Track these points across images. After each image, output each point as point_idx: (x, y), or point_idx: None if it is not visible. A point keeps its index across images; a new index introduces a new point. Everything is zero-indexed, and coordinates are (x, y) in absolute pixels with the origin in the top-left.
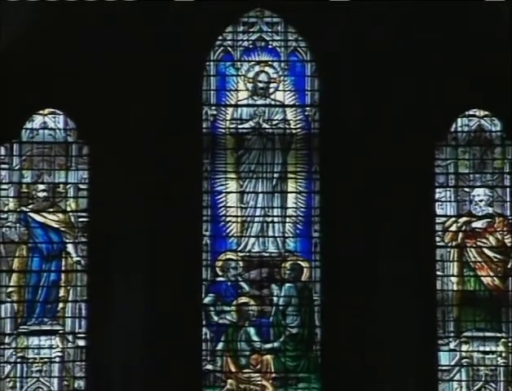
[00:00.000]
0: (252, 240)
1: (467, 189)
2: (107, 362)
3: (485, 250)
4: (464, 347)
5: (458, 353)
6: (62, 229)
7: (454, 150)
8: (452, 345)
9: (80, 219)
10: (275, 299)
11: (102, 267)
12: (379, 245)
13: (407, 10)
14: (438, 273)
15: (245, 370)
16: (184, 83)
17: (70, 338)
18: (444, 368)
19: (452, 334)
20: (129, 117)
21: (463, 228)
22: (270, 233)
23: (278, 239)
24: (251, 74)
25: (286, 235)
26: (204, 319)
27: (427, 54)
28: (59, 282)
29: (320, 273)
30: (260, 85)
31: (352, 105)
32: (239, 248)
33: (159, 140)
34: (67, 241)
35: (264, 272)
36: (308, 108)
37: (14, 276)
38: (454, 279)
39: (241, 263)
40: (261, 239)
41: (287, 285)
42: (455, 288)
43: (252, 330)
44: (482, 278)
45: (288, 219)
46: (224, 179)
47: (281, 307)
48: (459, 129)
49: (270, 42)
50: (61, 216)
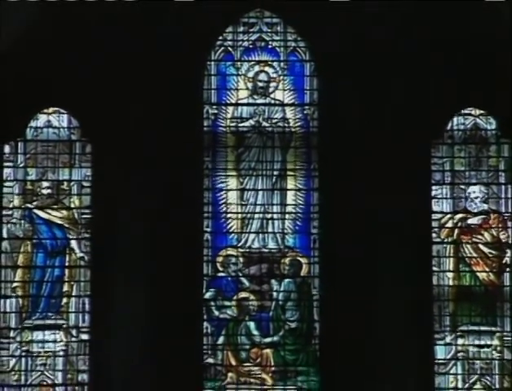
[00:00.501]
0: (252, 236)
1: (463, 186)
2: (110, 356)
3: (480, 246)
4: (460, 341)
5: (454, 346)
6: (66, 225)
7: (450, 148)
8: (448, 339)
9: (83, 216)
10: (274, 294)
11: (105, 263)
12: (377, 241)
13: (407, 10)
14: (434, 268)
15: (245, 363)
16: (185, 82)
17: (74, 332)
18: (440, 362)
19: (448, 328)
20: (130, 116)
21: (459, 224)
22: (269, 229)
23: (277, 236)
24: (251, 74)
25: (285, 232)
26: (205, 314)
27: (426, 54)
28: (62, 277)
29: (319, 268)
30: (260, 84)
31: (350, 104)
32: (239, 244)
33: (160, 138)
34: (70, 237)
35: (264, 268)
36: (307, 107)
37: (19, 271)
38: (450, 275)
39: (241, 259)
40: (261, 236)
41: (286, 280)
42: (451, 284)
43: (252, 324)
44: (477, 273)
45: (287, 216)
46: (225, 177)
47: (281, 302)
48: (455, 127)
49: (269, 42)
50: (65, 212)
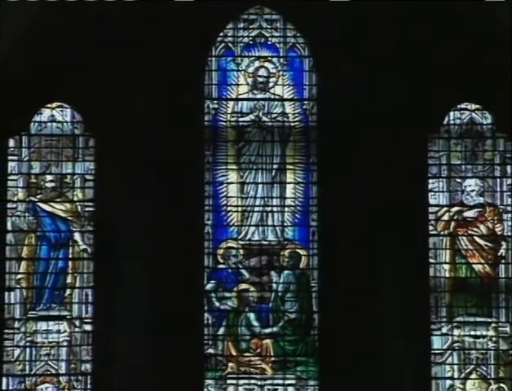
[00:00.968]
0: (252, 229)
1: (459, 180)
2: (112, 346)
3: (476, 238)
4: (456, 331)
5: (450, 337)
6: (69, 218)
7: (447, 142)
8: (445, 330)
9: (86, 209)
10: (274, 285)
11: (107, 255)
12: (374, 234)
13: (407, 10)
14: (431, 260)
15: (246, 353)
16: (187, 78)
17: (77, 323)
18: (437, 352)
19: (445, 319)
20: (133, 112)
21: (455, 217)
22: (269, 222)
23: (277, 228)
24: (251, 69)
25: (285, 224)
26: (206, 305)
27: (424, 52)
28: (66, 269)
29: (318, 260)
30: (260, 79)
31: (349, 99)
32: (239, 237)
33: (162, 133)
34: (74, 230)
35: (264, 260)
36: (306, 102)
37: (23, 263)
38: (446, 267)
39: (242, 251)
40: (260, 228)
41: (286, 272)
42: (447, 275)
43: (252, 315)
44: (473, 265)
45: (286, 209)
46: (225, 170)
47: (280, 293)
48: (451, 122)
49: (269, 38)
50: (68, 205)
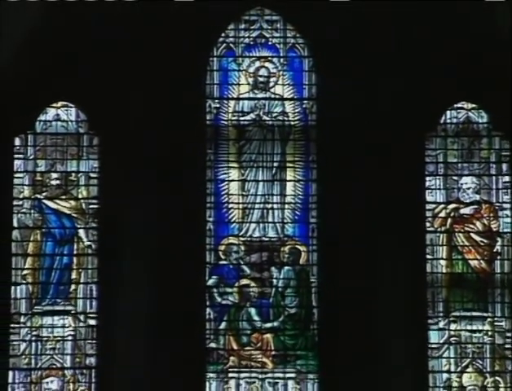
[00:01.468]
0: (253, 226)
1: (455, 177)
2: (116, 340)
3: (472, 235)
4: (452, 326)
5: (447, 331)
6: (74, 215)
7: (443, 140)
8: (442, 324)
9: (91, 206)
10: (274, 281)
11: (111, 251)
12: (372, 231)
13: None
14: (428, 256)
15: (247, 348)
16: (189, 78)
17: (82, 318)
18: (434, 346)
19: (442, 314)
20: (136, 111)
21: (452, 214)
22: (270, 219)
23: (277, 225)
24: (252, 69)
25: (285, 221)
26: (207, 300)
27: (423, 52)
28: (71, 265)
29: (317, 256)
30: (260, 79)
31: (347, 98)
32: (240, 233)
33: (165, 132)
34: (78, 226)
35: (264, 256)
36: (306, 101)
37: (29, 259)
38: (443, 262)
39: (243, 247)
40: (261, 225)
41: (286, 268)
42: (444, 271)
43: (253, 310)
44: (469, 261)
45: (287, 206)
46: (227, 168)
47: (280, 289)
48: (448, 120)
49: (270, 39)
50: (73, 203)
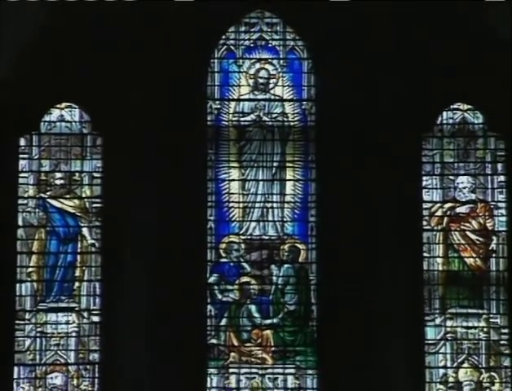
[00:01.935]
0: (253, 224)
1: (452, 177)
2: (119, 337)
3: (468, 233)
4: (448, 323)
5: (443, 328)
6: (78, 214)
7: (440, 141)
8: (438, 321)
9: (94, 205)
10: (274, 278)
11: (114, 249)
12: (370, 229)
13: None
14: (424, 254)
15: (247, 344)
16: (189, 78)
17: (85, 314)
18: (431, 342)
19: (438, 311)
20: (138, 112)
21: (448, 213)
22: (269, 218)
23: (277, 224)
24: (252, 71)
25: (285, 220)
26: (208, 297)
27: (422, 54)
28: (75, 263)
29: (316, 254)
30: (260, 80)
31: (346, 100)
32: (241, 232)
33: (167, 132)
34: (82, 225)
35: (264, 254)
36: (305, 102)
37: (33, 257)
38: (440, 260)
39: (243, 245)
40: (261, 224)
41: (285, 266)
42: (440, 269)
43: (253, 307)
44: (465, 259)
45: (286, 205)
46: (227, 168)
47: (280, 286)
48: (444, 121)
49: (269, 41)
50: (77, 202)
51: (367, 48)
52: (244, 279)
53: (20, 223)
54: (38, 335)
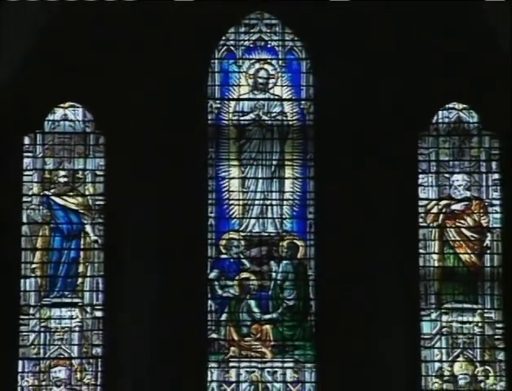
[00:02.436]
0: (252, 221)
1: (447, 175)
2: (121, 331)
3: (463, 230)
4: (444, 317)
5: (439, 322)
6: (81, 211)
7: (435, 139)
8: (434, 316)
9: (97, 202)
10: (273, 274)
11: (117, 245)
12: (367, 225)
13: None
14: (420, 251)
15: (247, 338)
16: (191, 79)
17: (88, 309)
18: (426, 336)
19: (434, 306)
20: (140, 111)
21: (443, 210)
22: (269, 215)
23: (276, 221)
24: (252, 71)
25: (284, 217)
26: (209, 293)
27: (421, 54)
28: (78, 259)
29: (314, 251)
30: (260, 80)
31: (343, 99)
32: (241, 229)
33: (169, 131)
34: (85, 222)
35: (264, 250)
36: (303, 102)
37: (37, 254)
38: (435, 256)
39: (243, 242)
40: (261, 221)
41: (284, 262)
42: (436, 265)
43: (252, 302)
44: (460, 255)
45: (285, 202)
46: (227, 166)
47: (279, 282)
48: (440, 120)
49: (269, 42)
50: (80, 199)
51: (366, 48)
52: (243, 275)
53: (25, 220)
54: (42, 329)
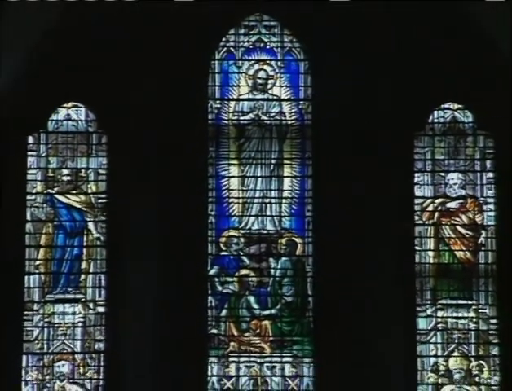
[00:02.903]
0: (252, 219)
1: (442, 173)
2: (123, 327)
3: (458, 227)
4: (439, 313)
5: (434, 318)
6: (84, 209)
7: (431, 139)
8: (429, 312)
9: (99, 200)
10: (272, 271)
11: (119, 242)
12: (364, 223)
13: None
14: (416, 248)
15: (246, 334)
16: (192, 80)
17: (91, 305)
18: (422, 332)
19: (429, 302)
20: (142, 111)
21: (439, 208)
22: (268, 213)
23: (275, 218)
24: (251, 71)
25: (282, 215)
26: (209, 289)
27: (421, 54)
28: (81, 256)
29: (312, 248)
30: (259, 81)
31: (341, 99)
32: (240, 226)
33: (170, 131)
34: (88, 220)
35: (263, 247)
36: (302, 102)
37: (41, 251)
38: (431, 253)
39: (242, 239)
40: (260, 218)
41: (283, 259)
42: (431, 261)
43: (252, 298)
44: (455, 252)
45: (284, 200)
46: (227, 165)
47: (278, 278)
48: (435, 120)
49: (268, 43)
50: (83, 197)
51: (366, 48)
52: (243, 272)
53: (29, 218)
54: (46, 325)
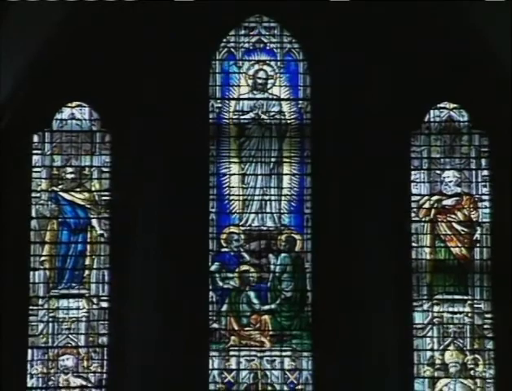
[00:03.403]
0: (252, 216)
1: (439, 171)
2: (126, 321)
3: (454, 224)
4: (435, 308)
5: (430, 313)
6: (87, 206)
7: (427, 137)
8: (426, 307)
9: (103, 197)
10: (272, 267)
11: (122, 239)
12: (363, 220)
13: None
14: (413, 244)
15: (246, 328)
16: (193, 80)
17: (95, 300)
18: (419, 326)
19: (426, 297)
20: (144, 110)
21: (435, 205)
22: (267, 210)
23: (275, 215)
24: (251, 72)
25: (282, 212)
26: (210, 284)
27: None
28: (85, 252)
29: (311, 244)
30: (259, 81)
31: (340, 99)
32: (241, 223)
33: (171, 130)
34: (92, 216)
35: (263, 243)
36: (301, 101)
37: (46, 247)
38: (427, 250)
39: (243, 236)
40: (260, 215)
41: (282, 255)
42: (428, 257)
43: (252, 294)
44: (451, 248)
45: (283, 198)
46: (228, 163)
47: (277, 274)
48: (432, 119)
49: (268, 44)
50: (87, 195)
51: (365, 48)
52: (243, 268)
53: (34, 215)
54: (51, 319)
